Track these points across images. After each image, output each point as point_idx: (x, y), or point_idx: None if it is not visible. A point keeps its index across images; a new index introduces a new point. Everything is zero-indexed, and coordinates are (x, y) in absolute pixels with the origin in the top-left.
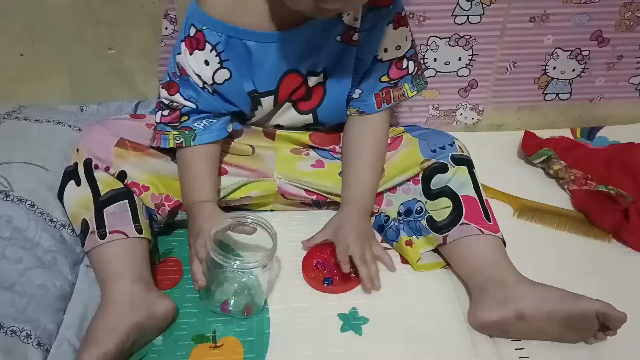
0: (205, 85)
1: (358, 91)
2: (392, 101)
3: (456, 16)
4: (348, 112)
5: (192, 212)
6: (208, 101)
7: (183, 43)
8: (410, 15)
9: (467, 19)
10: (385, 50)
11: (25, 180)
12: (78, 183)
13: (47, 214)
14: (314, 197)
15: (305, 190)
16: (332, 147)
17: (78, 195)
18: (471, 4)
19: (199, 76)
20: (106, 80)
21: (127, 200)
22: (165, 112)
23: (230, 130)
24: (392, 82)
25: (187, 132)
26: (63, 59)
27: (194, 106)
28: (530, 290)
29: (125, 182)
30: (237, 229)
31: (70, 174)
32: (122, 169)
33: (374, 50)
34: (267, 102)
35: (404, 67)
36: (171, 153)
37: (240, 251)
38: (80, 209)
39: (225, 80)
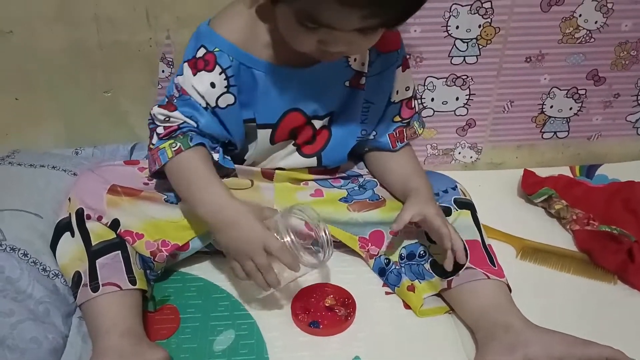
0: (207, 106)
1: (373, 133)
2: (406, 139)
3: (453, 57)
4: (366, 149)
5: (232, 211)
6: (207, 121)
7: (186, 64)
8: (408, 56)
9: (464, 59)
10: (397, 92)
11: (19, 229)
12: (73, 234)
13: (40, 263)
14: (314, 232)
15: (305, 223)
16: (331, 176)
17: (71, 247)
18: (467, 45)
19: (202, 97)
20: (102, 123)
21: (119, 251)
22: (161, 129)
23: (215, 157)
24: (405, 121)
25: (182, 137)
26: (58, 103)
27: (194, 124)
28: (538, 336)
29: (118, 231)
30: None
31: (65, 226)
32: (115, 217)
33: (386, 94)
34: (264, 135)
35: (413, 106)
36: (165, 192)
37: None
38: (73, 261)
39: (229, 105)
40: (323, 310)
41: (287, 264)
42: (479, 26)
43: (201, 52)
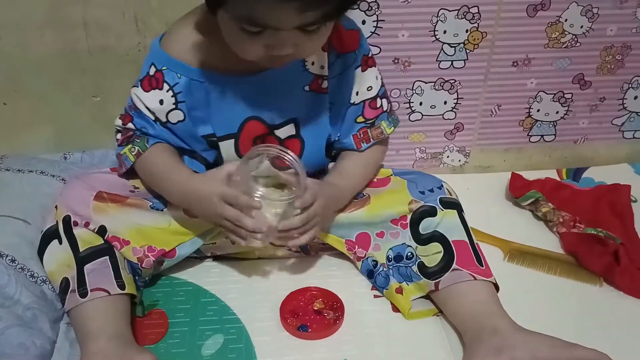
0: (157, 120)
1: (337, 134)
2: (372, 140)
3: (440, 61)
4: (334, 153)
5: (191, 187)
6: (158, 132)
7: (140, 81)
8: (396, 61)
9: (452, 63)
10: (357, 93)
11: (6, 235)
12: (60, 241)
13: (28, 269)
14: None
15: None
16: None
17: (58, 254)
18: (455, 50)
19: (152, 112)
20: (90, 128)
21: (107, 257)
22: (119, 136)
23: None
24: (369, 121)
25: (138, 140)
26: (47, 108)
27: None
28: (524, 339)
29: (105, 237)
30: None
31: (53, 234)
32: (102, 224)
33: (347, 95)
34: (227, 146)
35: (378, 105)
36: (151, 199)
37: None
38: (61, 268)
39: (179, 121)
40: (311, 314)
41: (243, 205)
42: (466, 31)
43: (152, 70)
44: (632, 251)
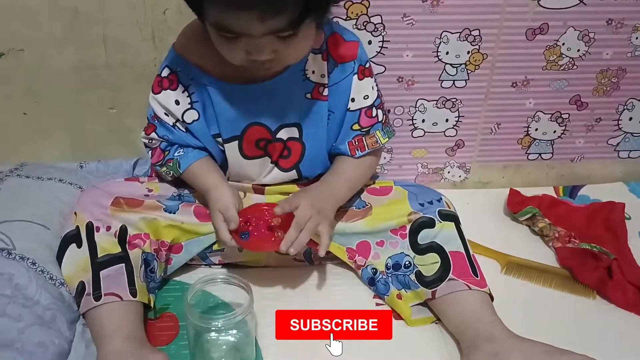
0: (176, 123)
1: (334, 140)
2: (367, 148)
3: (443, 80)
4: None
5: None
6: (180, 137)
7: (154, 82)
8: (400, 79)
9: (453, 83)
10: (353, 100)
11: (27, 239)
12: (79, 245)
13: (47, 272)
14: None
15: None
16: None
17: (77, 259)
18: (457, 70)
19: (168, 114)
20: (106, 138)
21: (123, 264)
22: (150, 153)
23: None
24: (364, 129)
25: (171, 164)
26: (64, 118)
27: (167, 142)
28: (519, 345)
29: (127, 237)
30: (210, 288)
31: (71, 238)
32: (122, 224)
33: (343, 102)
34: (231, 148)
35: (373, 115)
36: (164, 202)
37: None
38: (78, 272)
39: (194, 120)
40: (264, 228)
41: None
42: (468, 52)
43: (165, 72)
44: (624, 266)
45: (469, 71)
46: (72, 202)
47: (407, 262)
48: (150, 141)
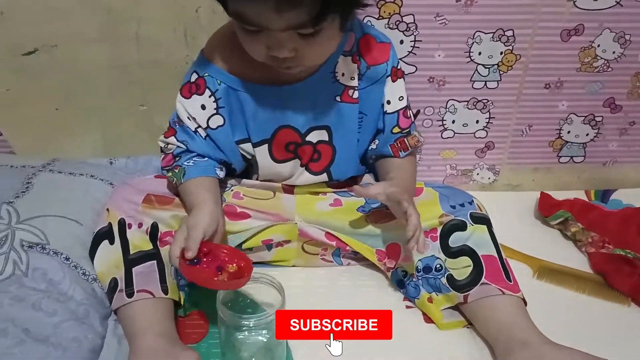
0: (198, 129)
1: (375, 142)
2: (410, 148)
3: (474, 81)
4: (371, 160)
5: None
6: (199, 145)
7: (182, 87)
8: (431, 80)
9: (485, 84)
10: (389, 102)
11: (60, 234)
12: (112, 242)
13: (81, 267)
14: (334, 242)
15: (325, 234)
16: (349, 188)
17: (109, 255)
18: (489, 71)
19: (193, 119)
20: (136, 135)
21: (155, 261)
22: (162, 157)
23: (221, 174)
24: (404, 131)
25: (177, 171)
26: (96, 115)
27: (184, 147)
28: (554, 352)
29: (159, 234)
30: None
31: (104, 235)
32: (154, 221)
33: (376, 104)
34: (262, 151)
35: (409, 115)
36: None
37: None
38: (111, 269)
39: (219, 126)
40: (215, 265)
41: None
42: (501, 53)
43: (194, 77)
44: None
45: (501, 72)
46: (104, 198)
47: (438, 265)
48: (166, 145)
